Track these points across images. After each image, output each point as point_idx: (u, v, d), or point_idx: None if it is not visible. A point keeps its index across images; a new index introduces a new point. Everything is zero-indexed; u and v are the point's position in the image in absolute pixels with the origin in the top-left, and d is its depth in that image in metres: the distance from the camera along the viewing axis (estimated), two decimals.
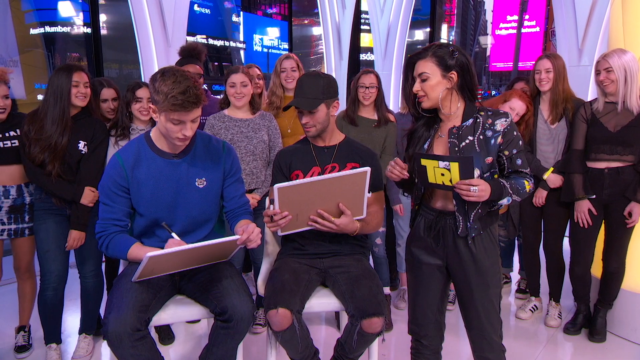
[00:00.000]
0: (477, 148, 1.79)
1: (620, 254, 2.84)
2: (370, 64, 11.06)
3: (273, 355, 2.18)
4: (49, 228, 2.55)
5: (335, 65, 8.25)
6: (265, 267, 2.42)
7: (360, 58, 10.59)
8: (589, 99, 2.94)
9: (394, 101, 7.95)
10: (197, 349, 2.85)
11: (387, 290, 3.12)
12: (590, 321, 2.98)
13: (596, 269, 2.98)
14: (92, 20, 5.45)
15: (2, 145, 2.54)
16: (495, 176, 1.82)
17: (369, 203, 2.18)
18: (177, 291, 2.07)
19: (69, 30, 7.34)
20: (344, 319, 2.39)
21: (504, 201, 1.78)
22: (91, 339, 2.80)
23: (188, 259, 1.90)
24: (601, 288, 2.93)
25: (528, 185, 1.83)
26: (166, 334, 2.93)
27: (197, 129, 2.12)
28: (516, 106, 2.97)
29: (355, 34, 9.03)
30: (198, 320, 3.07)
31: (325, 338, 3.02)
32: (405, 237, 3.29)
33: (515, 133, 1.81)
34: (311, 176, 2.21)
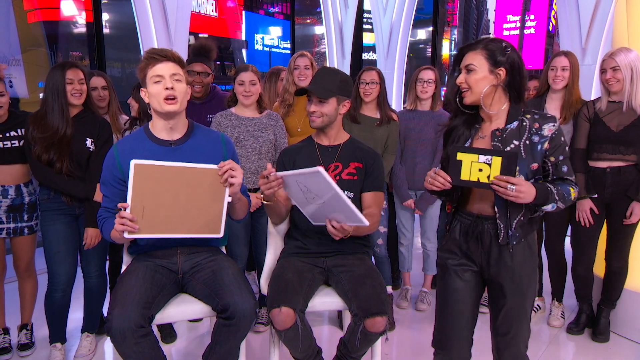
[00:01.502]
0: (523, 154, 1.70)
1: (623, 253, 2.84)
2: (373, 63, 11.05)
3: (276, 354, 2.17)
4: (59, 229, 2.54)
5: (338, 65, 8.24)
6: (268, 266, 2.42)
7: (363, 57, 10.57)
8: (592, 99, 2.92)
9: (396, 99, 7.94)
10: (198, 348, 2.85)
11: (389, 289, 3.12)
12: (593, 321, 2.98)
13: (599, 268, 2.97)
14: (94, 19, 5.45)
15: (2, 146, 2.54)
16: (540, 182, 1.73)
17: (367, 205, 2.16)
18: (180, 289, 2.07)
19: (71, 29, 7.34)
20: (347, 318, 2.38)
21: (549, 207, 1.68)
22: (94, 338, 2.80)
23: (177, 202, 1.84)
24: (604, 288, 2.93)
25: (573, 192, 1.72)
26: (168, 332, 2.93)
27: (199, 124, 2.12)
28: None
29: (358, 33, 9.02)
30: (200, 319, 3.07)
31: (328, 337, 3.02)
32: (408, 236, 3.31)
33: (562, 139, 1.72)
34: None
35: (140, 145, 2.00)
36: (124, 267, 2.14)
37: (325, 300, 2.15)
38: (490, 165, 1.61)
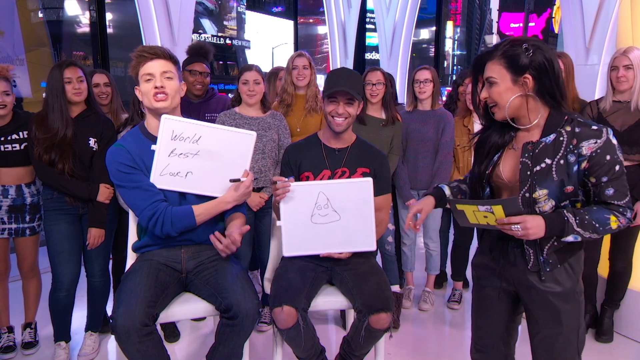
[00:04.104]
0: (555, 175, 1.50)
1: (627, 253, 2.83)
2: (376, 62, 11.06)
3: (279, 353, 2.18)
4: (62, 229, 2.54)
5: (341, 64, 8.25)
6: (271, 265, 2.42)
7: (366, 57, 10.57)
8: (595, 99, 2.91)
9: (400, 99, 7.95)
10: (201, 347, 2.86)
11: (396, 288, 3.12)
12: (597, 321, 2.97)
13: (603, 268, 2.97)
14: (98, 18, 5.47)
15: (3, 149, 2.54)
16: (578, 205, 1.54)
17: (377, 208, 2.13)
18: (183, 288, 2.07)
19: (75, 29, 7.38)
20: (350, 318, 2.38)
21: (570, 238, 1.49)
22: (97, 337, 2.81)
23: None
24: (608, 288, 2.92)
25: (615, 222, 1.49)
26: (171, 331, 2.93)
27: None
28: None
29: (361, 33, 9.02)
30: (203, 318, 3.08)
31: (331, 337, 3.02)
32: (411, 236, 3.31)
33: (608, 158, 1.47)
34: (321, 179, 2.20)
35: (139, 142, 2.01)
36: (127, 266, 2.15)
37: (329, 300, 2.15)
38: (492, 213, 1.49)
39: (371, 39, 11.48)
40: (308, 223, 2.03)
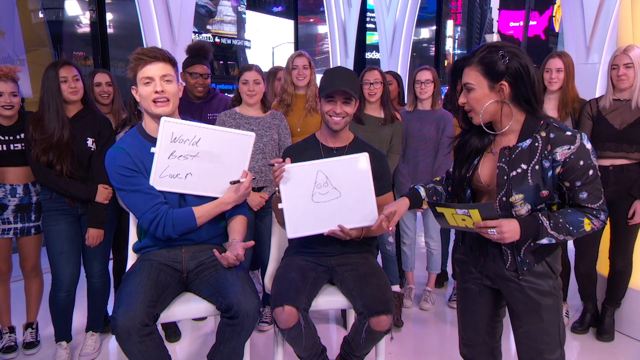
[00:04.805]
0: (530, 181, 1.53)
1: (627, 252, 2.83)
2: (376, 62, 11.06)
3: (280, 353, 2.18)
4: (62, 229, 2.54)
5: (341, 63, 8.25)
6: (272, 265, 2.42)
7: (366, 56, 10.57)
8: (595, 97, 2.91)
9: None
10: (202, 347, 2.86)
11: (397, 288, 3.11)
12: (598, 320, 2.97)
13: (603, 267, 2.97)
14: (98, 18, 5.47)
15: (12, 148, 2.55)
16: (554, 207, 1.59)
17: (378, 207, 2.13)
18: (184, 288, 2.07)
19: (75, 29, 7.37)
20: (351, 317, 2.38)
21: (544, 241, 1.54)
22: (98, 337, 2.81)
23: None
24: (608, 287, 2.92)
25: (588, 224, 1.53)
26: (172, 331, 2.94)
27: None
28: None
29: (361, 32, 9.03)
30: (204, 318, 3.08)
31: (332, 336, 3.02)
32: (411, 235, 3.31)
33: (581, 163, 1.49)
34: None
35: (138, 143, 2.01)
36: (128, 266, 2.15)
37: (330, 299, 2.15)
38: (470, 216, 1.54)
39: (372, 36, 11.49)
40: (309, 203, 2.04)
